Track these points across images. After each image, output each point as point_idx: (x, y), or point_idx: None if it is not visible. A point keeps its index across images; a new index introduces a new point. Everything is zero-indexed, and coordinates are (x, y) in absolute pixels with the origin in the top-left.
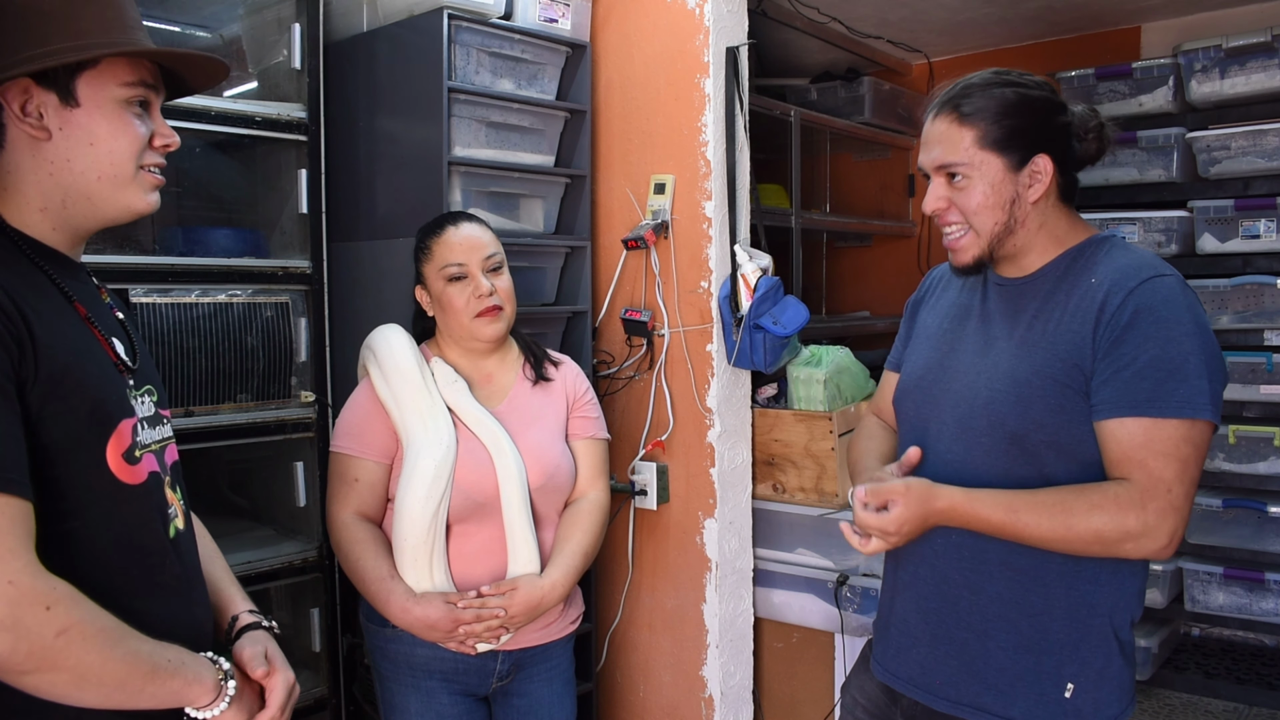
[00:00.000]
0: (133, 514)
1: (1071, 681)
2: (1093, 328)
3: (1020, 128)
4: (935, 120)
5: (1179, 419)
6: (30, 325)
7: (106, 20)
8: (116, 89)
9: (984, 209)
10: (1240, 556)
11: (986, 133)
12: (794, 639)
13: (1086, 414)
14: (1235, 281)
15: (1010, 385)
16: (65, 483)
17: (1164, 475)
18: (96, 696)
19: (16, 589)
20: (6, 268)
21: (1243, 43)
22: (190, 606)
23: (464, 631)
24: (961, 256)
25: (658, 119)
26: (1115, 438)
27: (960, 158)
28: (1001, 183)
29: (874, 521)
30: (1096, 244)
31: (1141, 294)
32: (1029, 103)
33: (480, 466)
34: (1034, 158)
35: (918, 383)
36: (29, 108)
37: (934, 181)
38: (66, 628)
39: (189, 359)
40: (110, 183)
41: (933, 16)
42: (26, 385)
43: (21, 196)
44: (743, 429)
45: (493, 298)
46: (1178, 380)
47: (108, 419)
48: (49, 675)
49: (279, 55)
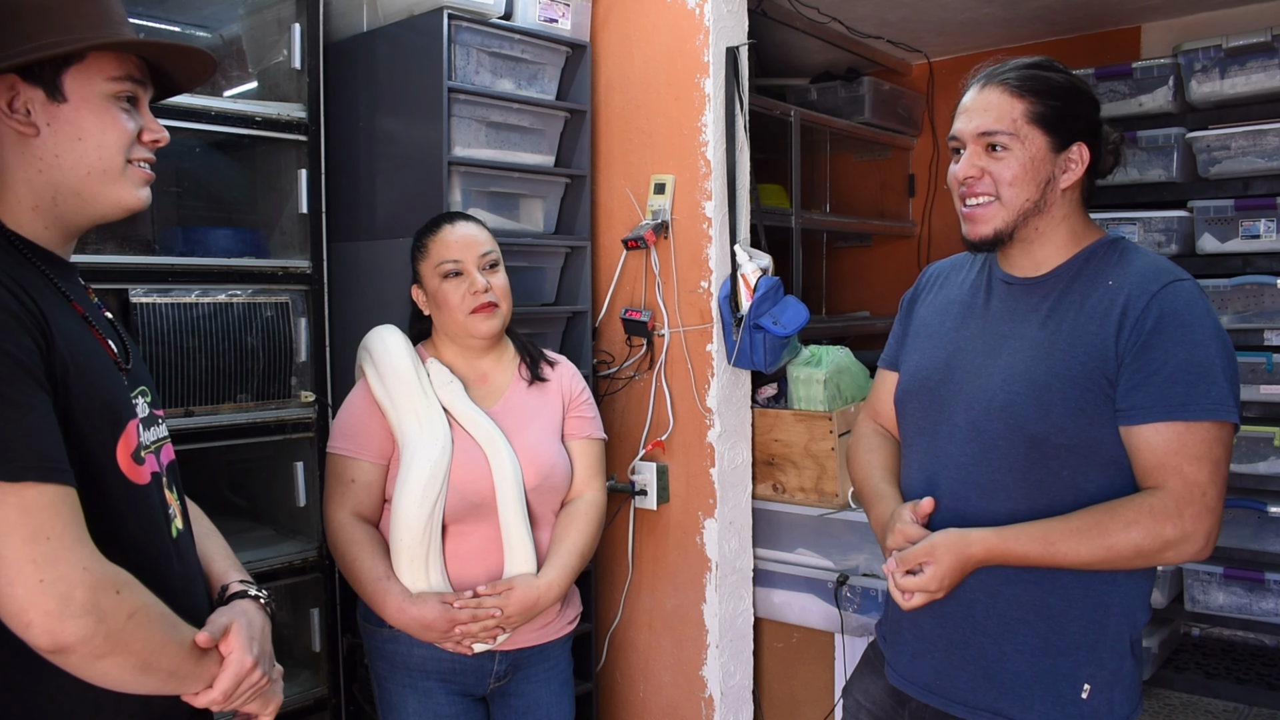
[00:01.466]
0: (141, 515)
1: (1088, 682)
2: (1115, 331)
3: (1069, 112)
4: (984, 90)
5: (1211, 421)
6: (49, 325)
7: (92, 16)
8: (103, 84)
9: (1019, 182)
10: (1240, 556)
11: (1038, 108)
12: (794, 639)
13: (1107, 416)
14: (1235, 281)
15: (1029, 388)
16: (83, 484)
17: (1199, 479)
18: (155, 681)
19: (92, 574)
20: (20, 270)
21: (1243, 43)
22: (193, 607)
23: (460, 632)
24: (982, 228)
25: (658, 119)
26: (1150, 444)
27: (1007, 127)
28: (1042, 160)
29: (913, 584)
30: (1108, 246)
31: (1165, 299)
32: (1079, 92)
33: (476, 466)
34: (1074, 144)
35: (923, 383)
36: (15, 104)
37: (971, 150)
38: (135, 610)
39: (189, 359)
40: (100, 178)
41: (933, 16)
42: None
43: (13, 195)
44: (743, 429)
45: (488, 294)
46: (1208, 383)
47: (117, 419)
48: (119, 659)
49: (279, 55)
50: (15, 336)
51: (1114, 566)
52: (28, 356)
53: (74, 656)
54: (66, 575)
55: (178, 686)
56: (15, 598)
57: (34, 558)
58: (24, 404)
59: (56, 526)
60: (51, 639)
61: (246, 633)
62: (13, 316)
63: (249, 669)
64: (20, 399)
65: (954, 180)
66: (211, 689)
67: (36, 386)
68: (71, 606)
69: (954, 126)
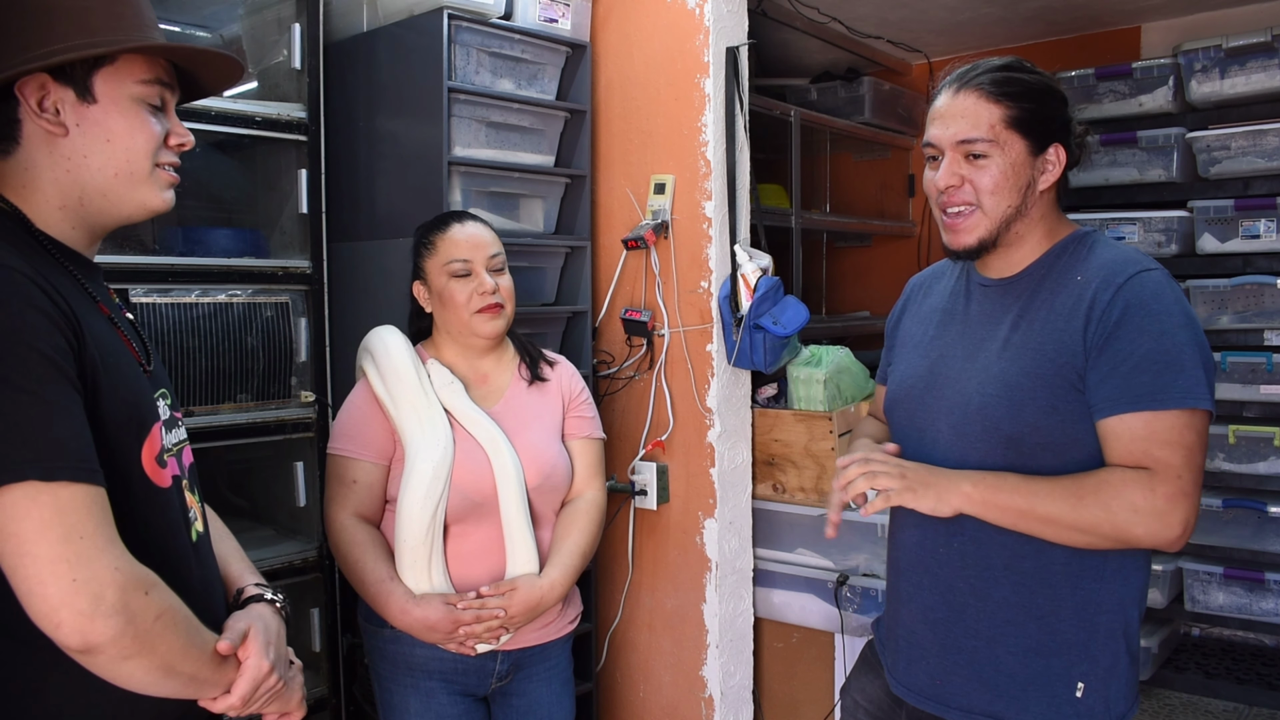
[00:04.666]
0: (163, 518)
1: (1082, 681)
2: (1083, 325)
3: (1045, 114)
4: (959, 94)
5: (1180, 409)
6: (80, 326)
7: (124, 18)
8: (133, 86)
9: (1000, 189)
10: (1240, 556)
11: (1015, 112)
12: (794, 639)
13: (1081, 413)
14: (1235, 281)
15: (1002, 389)
16: (109, 485)
17: (1171, 462)
18: (176, 684)
19: (122, 574)
20: (50, 270)
21: (1243, 43)
22: (211, 610)
23: (464, 632)
24: (964, 237)
25: (658, 119)
26: (1117, 434)
27: (986, 134)
28: (1022, 165)
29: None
30: (1079, 240)
31: (1130, 289)
32: (1051, 91)
33: (478, 467)
34: (1051, 146)
35: (908, 391)
36: (46, 103)
37: (949, 157)
38: (162, 612)
39: (189, 359)
40: (127, 179)
41: (933, 16)
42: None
43: (40, 194)
44: (743, 429)
45: (495, 295)
46: (1175, 372)
47: (143, 422)
48: (145, 660)
49: (279, 55)
50: (49, 336)
51: (1085, 527)
52: (61, 356)
53: (102, 657)
54: (99, 575)
55: (197, 691)
56: (47, 597)
57: (67, 557)
58: (57, 404)
59: (89, 526)
60: (82, 638)
61: (263, 638)
62: (46, 316)
63: (266, 673)
64: (54, 399)
65: (932, 188)
66: (230, 694)
67: (69, 386)
68: (103, 606)
69: (929, 133)
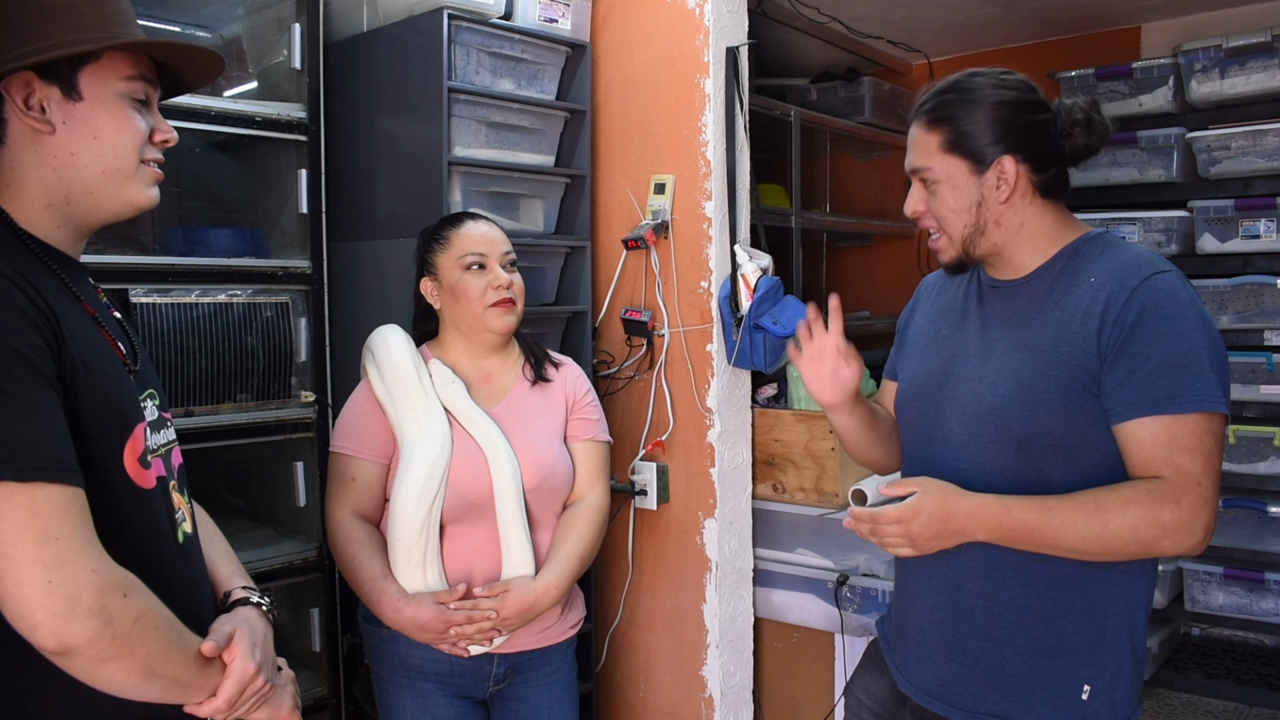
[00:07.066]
0: (146, 519)
1: (1088, 684)
2: (1097, 328)
3: (981, 131)
4: (913, 124)
5: (1199, 413)
6: (60, 325)
7: (106, 15)
8: (118, 83)
9: (951, 212)
10: (1240, 556)
11: (949, 136)
12: (794, 639)
13: (1093, 415)
14: (1235, 281)
15: (1015, 390)
16: (88, 486)
17: (1192, 469)
18: (158, 688)
19: (100, 576)
20: (32, 269)
21: (1243, 43)
22: (198, 612)
23: (455, 633)
24: (942, 257)
25: (658, 119)
26: (1138, 439)
27: (927, 162)
28: (965, 186)
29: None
30: (1091, 241)
31: (1145, 292)
32: (994, 105)
33: (474, 466)
34: (999, 159)
35: (920, 389)
36: (31, 101)
37: (914, 185)
38: (141, 614)
39: (189, 359)
40: (114, 176)
41: (933, 16)
42: (64, 383)
43: (25, 193)
44: (743, 429)
45: (509, 290)
46: (1193, 375)
47: (125, 422)
48: (124, 663)
49: (279, 55)
50: (26, 336)
51: (1111, 551)
52: (39, 356)
53: (79, 659)
54: (75, 577)
55: (181, 695)
56: (23, 598)
57: (43, 559)
58: (34, 404)
59: (66, 528)
60: (58, 640)
61: (249, 640)
62: (24, 316)
63: (252, 675)
64: (31, 399)
65: (905, 213)
66: (215, 698)
67: (47, 386)
68: (79, 608)
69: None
